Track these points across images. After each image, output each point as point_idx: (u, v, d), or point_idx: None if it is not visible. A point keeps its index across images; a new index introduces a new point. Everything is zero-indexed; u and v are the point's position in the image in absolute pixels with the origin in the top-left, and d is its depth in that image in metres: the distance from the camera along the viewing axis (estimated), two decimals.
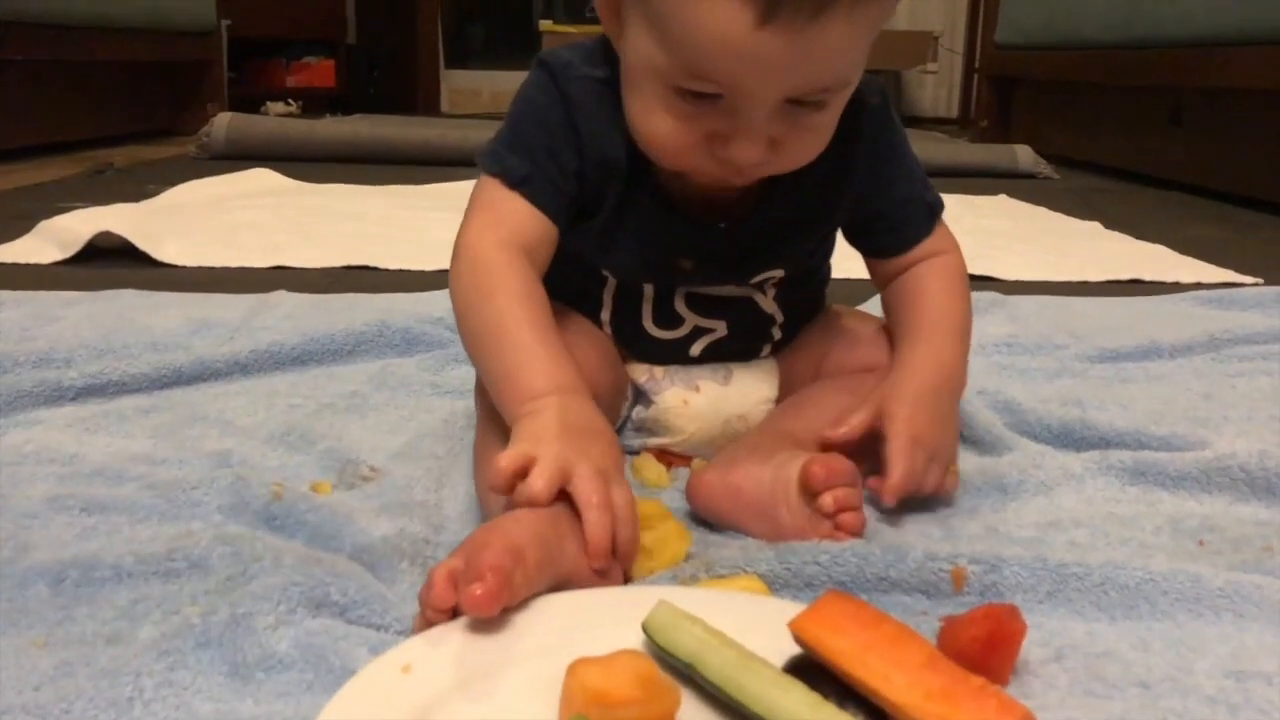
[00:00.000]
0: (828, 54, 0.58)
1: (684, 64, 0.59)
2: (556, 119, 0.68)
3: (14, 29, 2.55)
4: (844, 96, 0.64)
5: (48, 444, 0.78)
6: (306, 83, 4.70)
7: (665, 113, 0.62)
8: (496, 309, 0.65)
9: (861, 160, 0.72)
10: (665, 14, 0.58)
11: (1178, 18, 2.45)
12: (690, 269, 0.73)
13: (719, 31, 0.56)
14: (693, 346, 0.77)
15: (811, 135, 0.64)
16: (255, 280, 1.35)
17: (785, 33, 0.55)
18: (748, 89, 0.59)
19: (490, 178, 0.69)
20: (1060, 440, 0.83)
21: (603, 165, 0.69)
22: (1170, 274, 1.51)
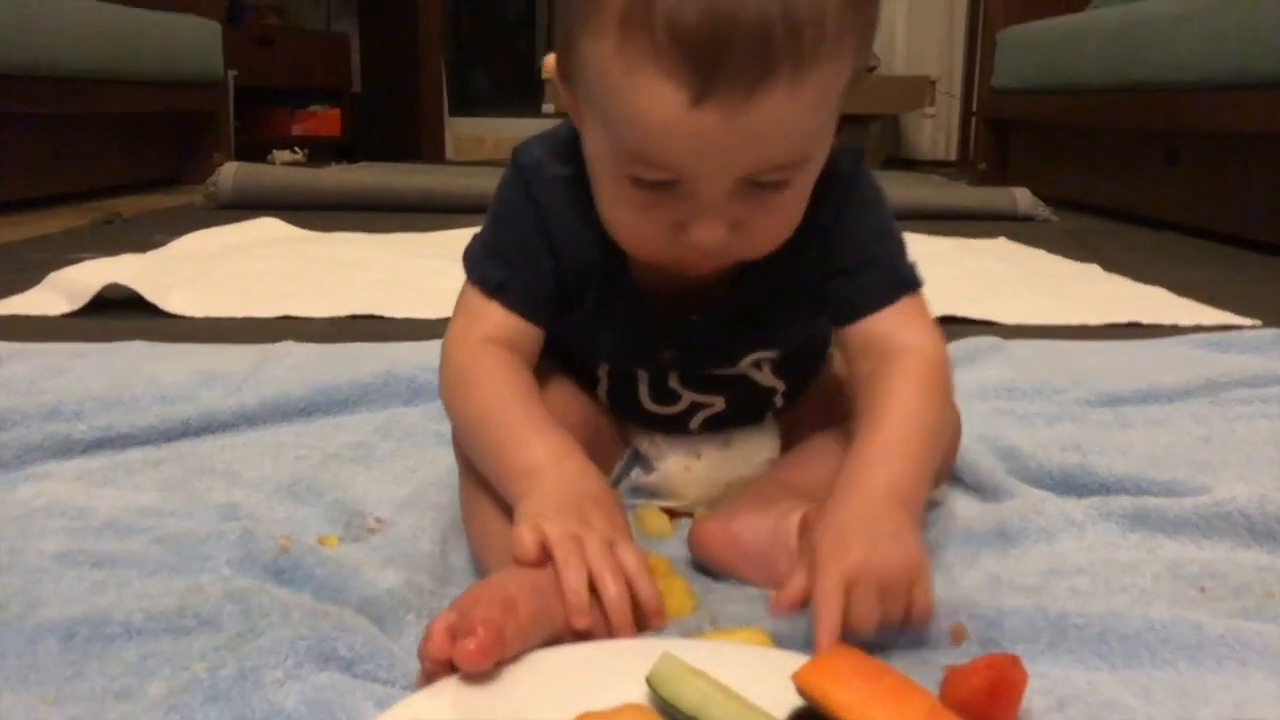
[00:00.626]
0: (773, 130, 0.56)
1: (630, 151, 0.58)
2: (529, 222, 0.69)
3: (26, 82, 2.59)
4: (809, 173, 0.62)
5: (57, 497, 0.79)
6: (312, 131, 4.75)
7: (627, 205, 0.62)
8: (481, 398, 0.67)
9: (826, 228, 0.68)
10: (607, 103, 0.58)
11: (1172, 61, 2.48)
12: (671, 359, 0.73)
13: (657, 115, 0.55)
14: (692, 421, 0.77)
15: (778, 216, 0.62)
16: (262, 330, 1.36)
17: (722, 111, 0.54)
18: (696, 171, 0.57)
19: (470, 284, 0.70)
20: (1061, 486, 0.83)
21: (577, 265, 0.69)
22: (1169, 316, 1.52)
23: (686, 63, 0.53)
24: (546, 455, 0.63)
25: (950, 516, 0.78)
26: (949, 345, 1.21)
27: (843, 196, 0.69)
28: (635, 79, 0.55)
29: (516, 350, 0.69)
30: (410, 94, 4.95)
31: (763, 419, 0.80)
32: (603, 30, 0.56)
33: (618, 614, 0.56)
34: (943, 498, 0.81)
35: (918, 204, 2.84)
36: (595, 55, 0.57)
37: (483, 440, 0.66)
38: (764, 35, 0.52)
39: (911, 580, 0.56)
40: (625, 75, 0.55)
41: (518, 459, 0.63)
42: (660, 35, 0.53)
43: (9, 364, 1.13)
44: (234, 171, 2.84)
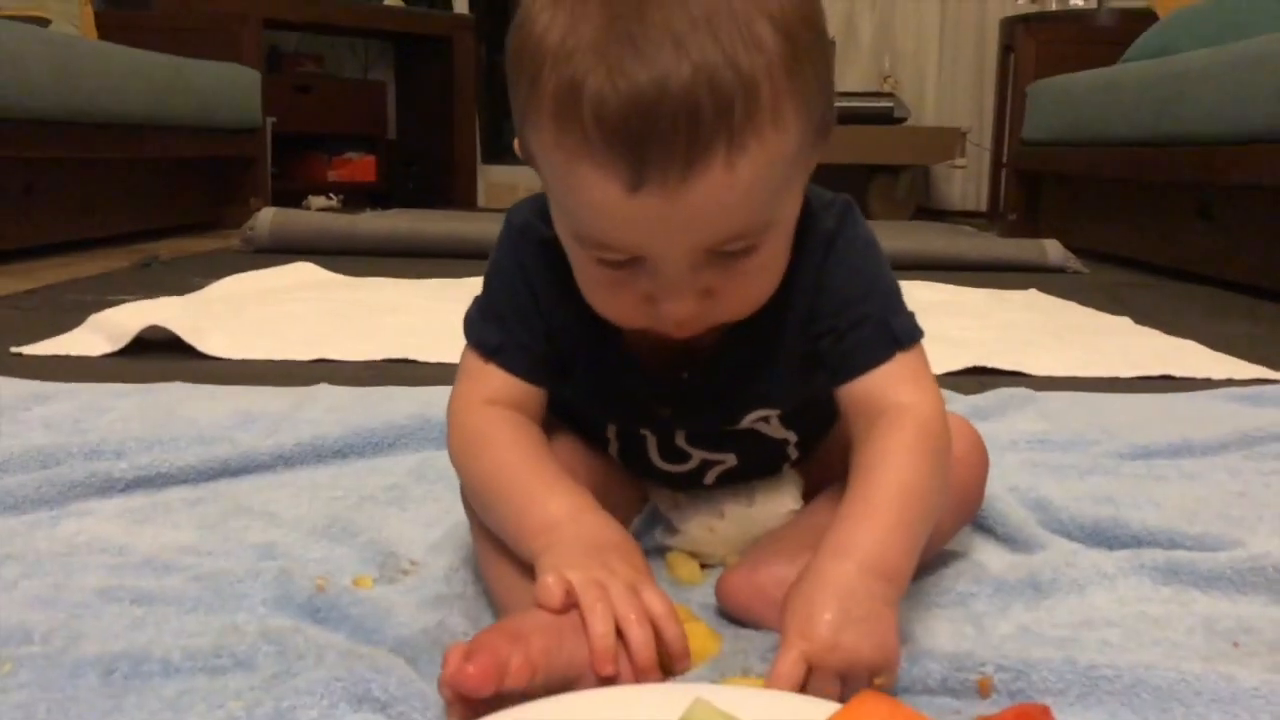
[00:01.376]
0: (717, 207, 0.55)
1: (585, 234, 0.58)
2: (519, 285, 0.69)
3: (69, 128, 2.65)
4: (777, 237, 0.61)
5: (99, 534, 0.81)
6: (348, 177, 4.82)
7: (597, 284, 0.62)
8: (492, 459, 0.67)
9: (810, 287, 0.66)
10: (556, 191, 0.59)
11: (1204, 115, 2.48)
12: (669, 416, 0.73)
13: (599, 204, 0.55)
14: (706, 477, 0.77)
15: (750, 281, 0.61)
16: (298, 373, 1.38)
17: (660, 195, 0.53)
18: (651, 251, 0.57)
19: (469, 347, 0.71)
20: (1093, 538, 0.83)
21: (565, 329, 0.69)
22: (1201, 370, 1.51)
23: (616, 152, 0.53)
24: (563, 511, 0.63)
25: (981, 567, 0.77)
26: (980, 396, 1.23)
27: (825, 254, 0.67)
28: (574, 170, 0.55)
29: (522, 409, 0.70)
30: (444, 142, 5.02)
31: (780, 471, 0.79)
32: (540, 123, 0.56)
33: (644, 658, 0.56)
34: (972, 548, 0.82)
35: (947, 254, 2.85)
36: (539, 145, 0.58)
37: (496, 501, 0.66)
38: (691, 117, 0.52)
39: (877, 668, 0.55)
40: (565, 166, 0.56)
41: (534, 518, 0.63)
42: (589, 127, 0.53)
43: (53, 403, 1.15)
44: (271, 217, 2.89)
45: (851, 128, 4.35)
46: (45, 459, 0.94)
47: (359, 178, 4.87)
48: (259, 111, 3.74)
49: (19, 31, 2.49)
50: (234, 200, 3.69)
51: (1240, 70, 2.35)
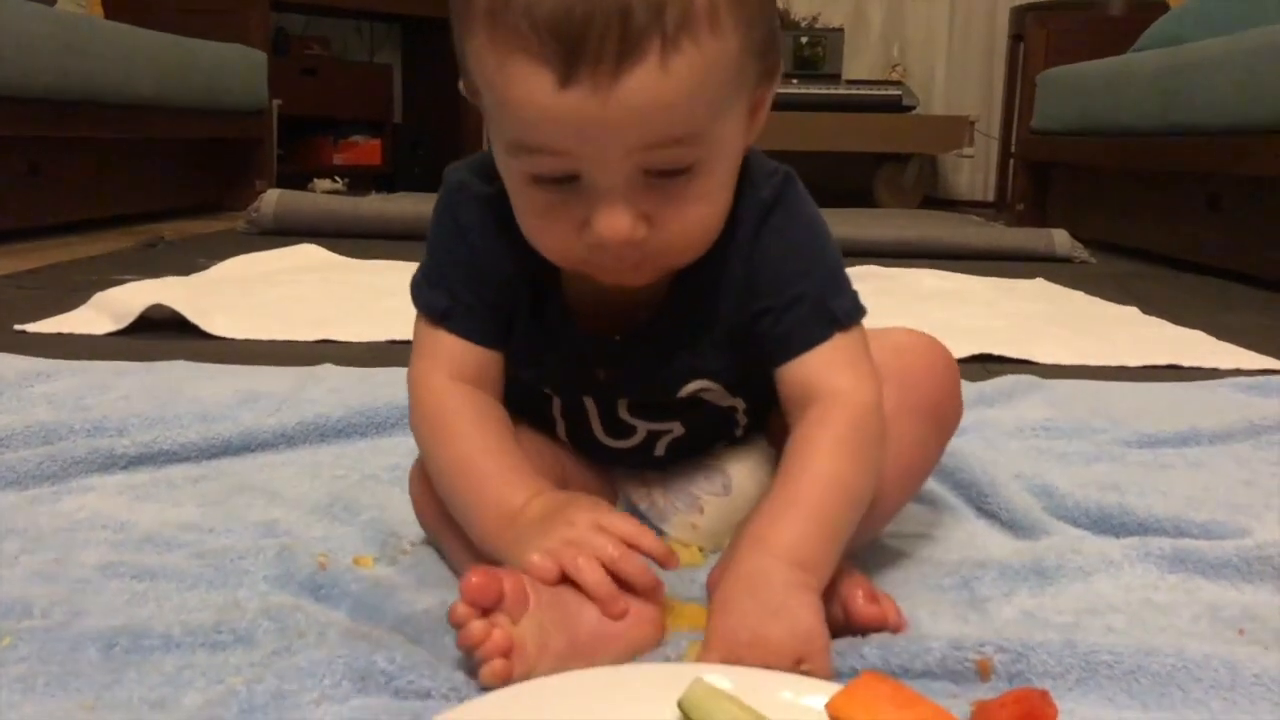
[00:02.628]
0: (649, 108, 0.54)
1: (519, 143, 0.57)
2: (458, 244, 0.68)
3: (76, 107, 2.65)
4: (715, 162, 0.59)
5: (100, 510, 0.81)
6: (353, 161, 4.81)
7: (533, 210, 0.61)
8: (452, 449, 0.67)
9: (745, 257, 0.65)
10: (491, 98, 0.58)
11: (1212, 106, 2.47)
12: (605, 379, 0.71)
13: (530, 101, 0.55)
14: (655, 448, 0.75)
15: (689, 209, 0.59)
16: (302, 353, 1.38)
17: (591, 91, 0.53)
18: (581, 153, 0.56)
19: (418, 314, 0.70)
20: (1098, 525, 0.82)
21: (504, 284, 0.68)
22: (1208, 360, 1.50)
23: (548, 46, 0.53)
24: (520, 499, 0.63)
25: (986, 552, 0.77)
26: (986, 384, 1.23)
27: (761, 222, 0.65)
28: (506, 69, 0.55)
29: (482, 384, 0.69)
30: (450, 125, 5.01)
31: (733, 438, 0.77)
32: (474, 27, 0.56)
33: (644, 582, 0.58)
34: (977, 533, 0.81)
35: (955, 244, 2.84)
36: (474, 53, 0.58)
37: (457, 492, 0.66)
38: (623, 16, 0.52)
39: (799, 656, 0.54)
40: (498, 67, 0.56)
41: (494, 513, 0.63)
42: (521, 22, 0.53)
43: (56, 380, 1.15)
44: (276, 199, 2.88)
45: (859, 116, 4.34)
46: (48, 435, 0.94)
47: (364, 161, 4.86)
48: (265, 93, 3.73)
49: (25, 9, 2.48)
50: (239, 182, 3.69)
51: (1252, 60, 2.34)
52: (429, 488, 0.70)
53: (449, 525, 0.69)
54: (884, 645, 0.59)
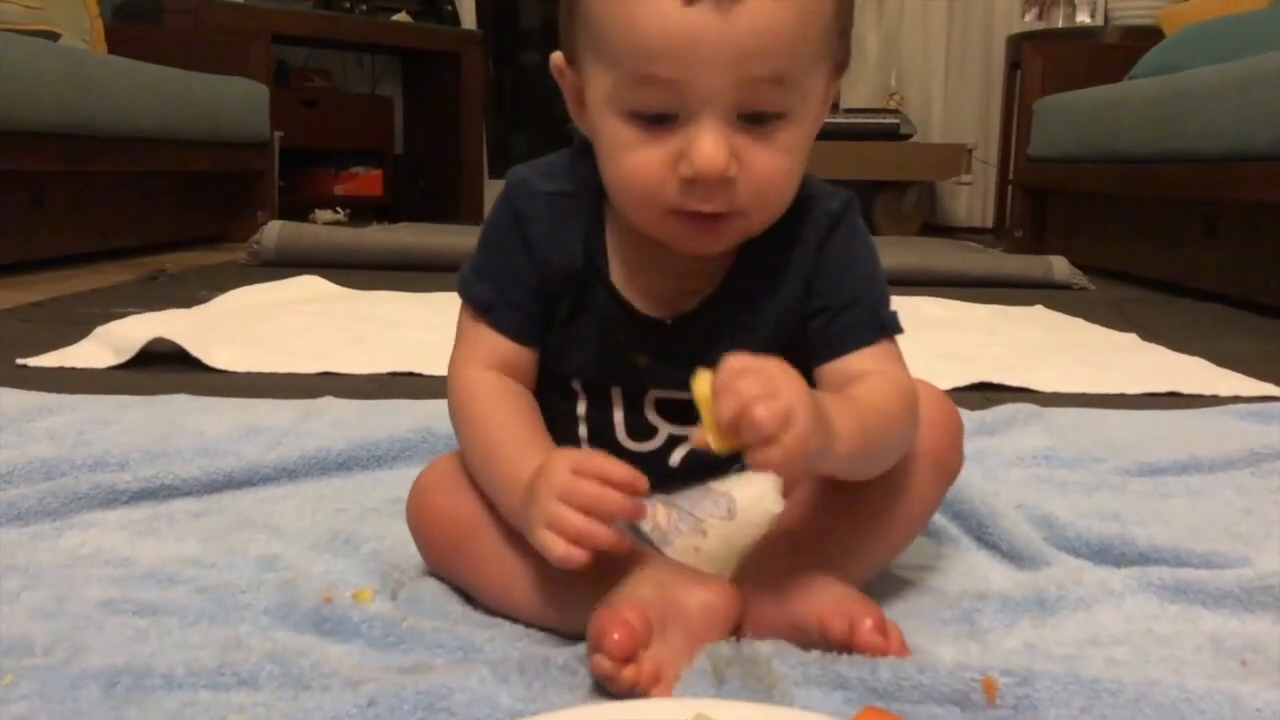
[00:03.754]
0: (763, 32, 0.60)
1: (631, 74, 0.62)
2: (511, 238, 0.72)
3: (79, 141, 2.67)
4: (802, 115, 0.64)
5: (102, 546, 0.81)
6: (354, 191, 4.83)
7: (628, 147, 0.64)
8: (480, 431, 0.71)
9: (808, 261, 0.71)
10: (608, 26, 0.62)
11: (1208, 133, 2.48)
12: (645, 365, 0.73)
13: (654, 20, 0.60)
14: (671, 455, 0.76)
15: (776, 157, 0.64)
16: (303, 386, 1.38)
17: (715, 8, 0.59)
18: (694, 78, 0.61)
19: (463, 306, 0.74)
20: (1099, 555, 0.82)
21: (556, 271, 0.71)
22: (1208, 386, 1.51)
23: None
24: (531, 468, 0.65)
25: (987, 583, 0.77)
26: (986, 412, 1.23)
27: (829, 231, 0.71)
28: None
29: (514, 372, 0.73)
30: (451, 156, 5.04)
31: (744, 463, 0.76)
32: None
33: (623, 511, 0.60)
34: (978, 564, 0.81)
35: (954, 270, 2.85)
36: None
37: (485, 468, 0.70)
38: None
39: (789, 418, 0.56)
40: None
41: (514, 482, 0.66)
42: None
43: (58, 415, 1.15)
44: (278, 230, 2.89)
45: (857, 144, 4.35)
46: (49, 470, 0.94)
47: (366, 191, 4.88)
48: (267, 126, 3.75)
49: (29, 46, 2.50)
50: (241, 213, 3.70)
51: (1247, 88, 2.35)
52: (431, 514, 0.73)
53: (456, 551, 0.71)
54: (893, 664, 0.59)
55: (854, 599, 0.63)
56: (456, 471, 0.74)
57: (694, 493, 0.77)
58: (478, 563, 0.70)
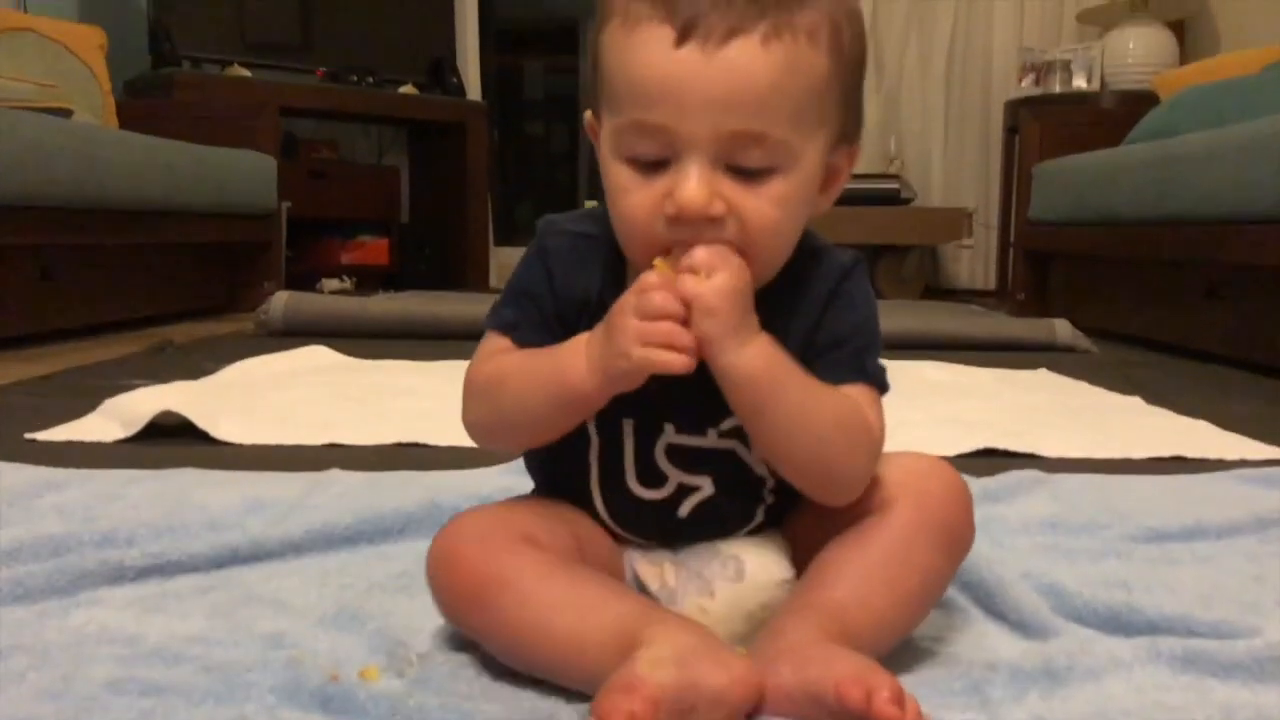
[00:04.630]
0: (743, 80, 0.63)
1: (628, 119, 0.66)
2: (537, 270, 0.76)
3: (97, 215, 2.71)
4: (793, 175, 0.67)
5: (108, 624, 0.81)
6: (361, 260, 4.87)
7: (625, 189, 0.68)
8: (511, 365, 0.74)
9: (817, 308, 0.75)
10: (611, 72, 0.68)
11: (1208, 196, 2.50)
12: (658, 389, 0.72)
13: (645, 57, 0.65)
14: (681, 507, 0.77)
15: (768, 208, 0.66)
16: (310, 458, 1.39)
17: (700, 52, 0.63)
18: (678, 125, 0.64)
19: (489, 330, 0.78)
20: (1108, 625, 0.82)
21: (574, 301, 0.75)
22: (1213, 450, 1.51)
23: (673, 15, 0.64)
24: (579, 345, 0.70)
25: (995, 654, 0.77)
26: (991, 480, 1.23)
27: (839, 282, 0.75)
28: (633, 37, 0.65)
29: None
30: (457, 224, 5.08)
31: (753, 517, 0.78)
32: (610, 20, 0.67)
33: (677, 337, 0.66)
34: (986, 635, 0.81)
35: (956, 334, 2.86)
36: (607, 38, 0.68)
37: (528, 382, 0.72)
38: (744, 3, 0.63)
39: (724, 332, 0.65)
40: (626, 38, 0.66)
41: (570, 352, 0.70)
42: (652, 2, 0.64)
43: (65, 490, 1.15)
44: (284, 300, 2.92)
45: (858, 209, 4.39)
46: (57, 547, 0.94)
47: (372, 260, 4.92)
48: (275, 197, 3.80)
49: (41, 122, 2.55)
50: (248, 283, 3.74)
51: (1241, 153, 2.38)
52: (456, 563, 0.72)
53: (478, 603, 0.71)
54: None
55: (871, 669, 0.64)
56: (481, 525, 0.74)
57: (703, 553, 0.78)
58: (501, 614, 0.70)
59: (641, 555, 0.79)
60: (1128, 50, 4.27)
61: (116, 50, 3.68)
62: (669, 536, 0.78)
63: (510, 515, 0.75)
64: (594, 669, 0.65)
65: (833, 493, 0.73)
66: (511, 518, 0.75)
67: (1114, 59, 4.31)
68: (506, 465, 1.28)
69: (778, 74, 0.64)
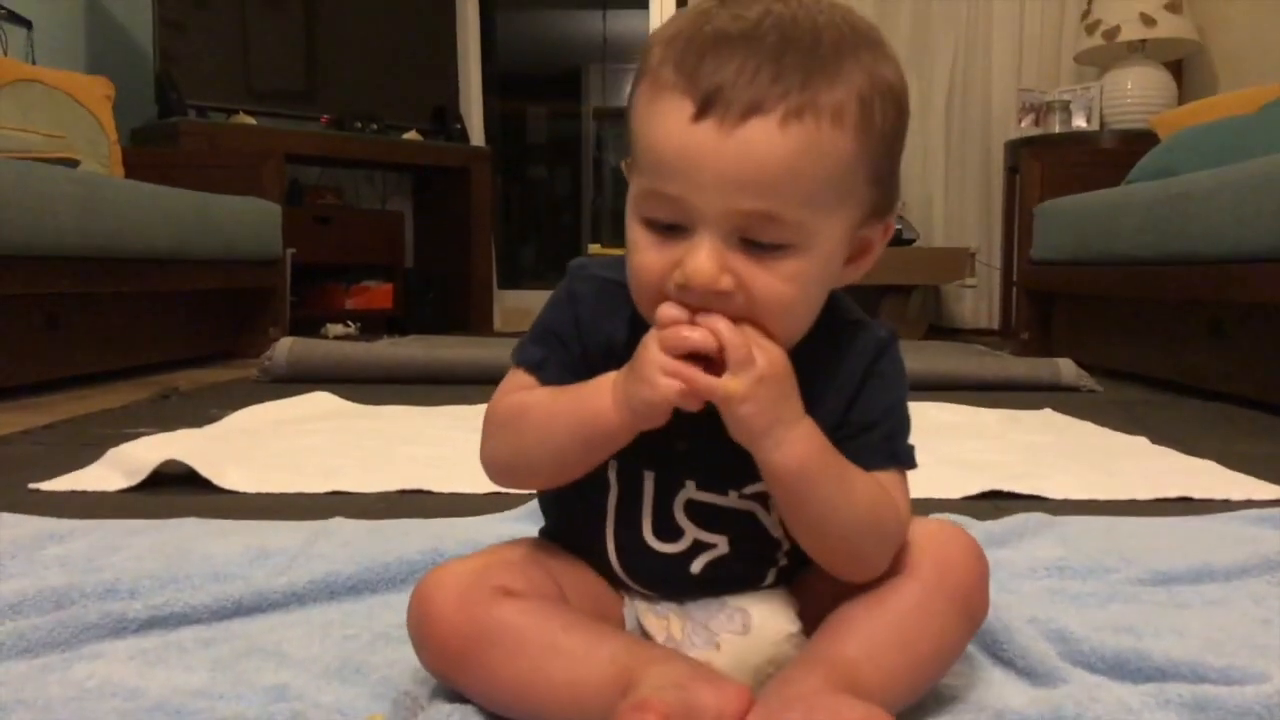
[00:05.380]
0: (758, 161, 0.63)
1: (647, 186, 0.66)
2: (564, 312, 0.77)
3: (103, 263, 2.72)
4: (809, 254, 0.66)
5: (110, 678, 0.80)
6: (365, 305, 4.89)
7: (640, 250, 0.68)
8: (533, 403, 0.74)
9: (854, 381, 0.74)
10: (636, 134, 0.68)
11: (1209, 235, 2.51)
12: (685, 449, 0.74)
13: (665, 127, 0.64)
14: (693, 563, 0.76)
15: (779, 283, 0.66)
16: (313, 506, 1.39)
17: (717, 130, 0.62)
18: (692, 198, 0.64)
19: (515, 366, 0.78)
20: (1115, 671, 0.81)
21: (601, 346, 0.75)
22: (1220, 491, 1.50)
23: (696, 87, 0.63)
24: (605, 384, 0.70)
25: (1004, 702, 0.76)
26: (996, 523, 1.23)
27: (876, 357, 0.75)
28: (655, 104, 0.66)
29: None
30: (461, 269, 5.11)
31: (764, 579, 0.78)
32: (643, 77, 0.68)
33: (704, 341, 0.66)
34: (994, 683, 0.80)
35: (961, 374, 2.86)
36: (637, 99, 0.68)
37: (552, 415, 0.72)
38: (768, 78, 0.62)
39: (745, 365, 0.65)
40: (649, 104, 0.66)
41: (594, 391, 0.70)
42: (681, 68, 0.64)
43: (69, 541, 1.15)
44: (289, 346, 2.92)
45: None
46: (60, 599, 0.94)
47: (377, 305, 4.94)
48: (279, 244, 3.81)
49: (48, 173, 2.57)
50: (253, 329, 3.75)
51: (1242, 192, 2.39)
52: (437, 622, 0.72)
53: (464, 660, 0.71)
54: None
55: (879, 716, 0.63)
56: (455, 582, 0.73)
57: (709, 606, 0.77)
58: (490, 671, 0.70)
59: (647, 606, 0.78)
60: (1126, 90, 4.31)
61: (124, 99, 3.73)
62: (678, 591, 0.78)
63: (485, 568, 0.74)
64: (592, 710, 0.66)
65: (855, 573, 0.73)
66: (486, 571, 0.74)
67: (1113, 99, 4.35)
68: (510, 512, 1.28)
69: (794, 157, 0.63)
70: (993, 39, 4.99)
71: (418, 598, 0.75)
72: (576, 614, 0.73)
